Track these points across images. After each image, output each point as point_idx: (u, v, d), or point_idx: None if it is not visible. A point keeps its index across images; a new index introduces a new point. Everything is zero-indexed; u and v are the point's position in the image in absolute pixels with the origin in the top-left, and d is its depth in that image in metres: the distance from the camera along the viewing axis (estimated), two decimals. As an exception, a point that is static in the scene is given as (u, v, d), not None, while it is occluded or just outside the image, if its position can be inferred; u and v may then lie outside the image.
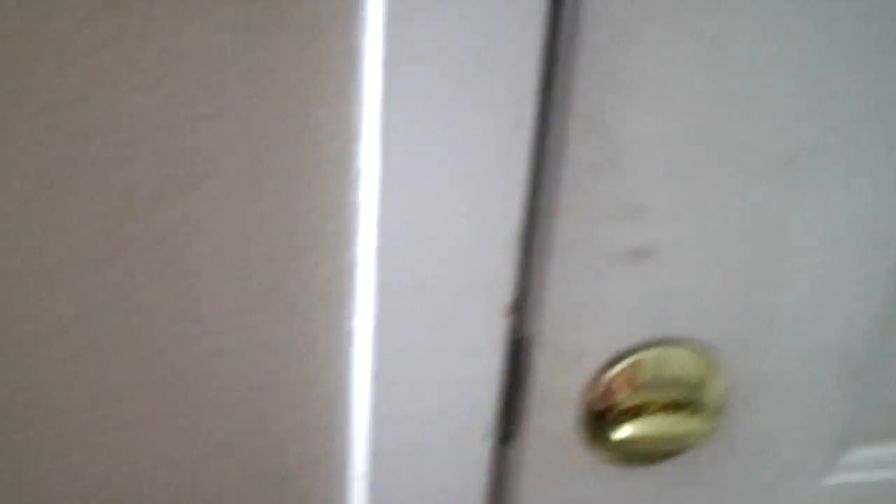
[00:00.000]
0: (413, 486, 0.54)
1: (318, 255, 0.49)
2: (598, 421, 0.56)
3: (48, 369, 0.48)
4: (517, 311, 0.51)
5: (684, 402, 0.56)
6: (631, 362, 0.55)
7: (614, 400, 0.55)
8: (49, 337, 0.48)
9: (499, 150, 0.45)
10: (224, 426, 0.53)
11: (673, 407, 0.56)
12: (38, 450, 0.51)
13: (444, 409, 0.52)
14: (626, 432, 0.55)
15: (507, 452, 0.57)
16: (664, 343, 0.55)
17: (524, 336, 0.53)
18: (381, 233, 0.46)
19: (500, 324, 0.50)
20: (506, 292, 0.49)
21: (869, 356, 0.59)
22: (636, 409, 0.55)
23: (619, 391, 0.55)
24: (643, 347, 0.55)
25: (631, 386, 0.55)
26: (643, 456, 0.57)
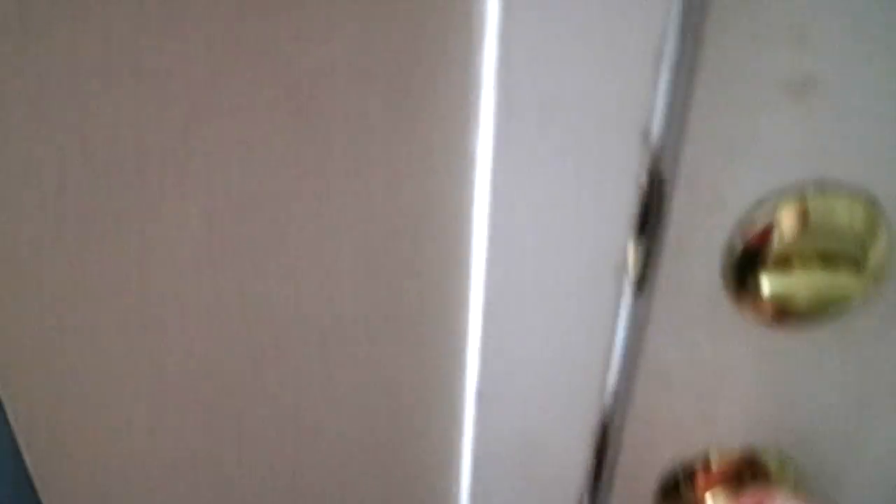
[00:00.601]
0: (538, 328, 0.52)
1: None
2: (744, 271, 0.51)
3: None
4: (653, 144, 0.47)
5: (842, 255, 0.51)
6: (785, 207, 0.49)
7: (763, 249, 0.50)
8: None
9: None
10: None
11: (829, 260, 0.51)
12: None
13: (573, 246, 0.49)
14: (776, 284, 0.50)
15: (640, 303, 0.54)
16: (822, 189, 0.50)
17: (662, 171, 0.49)
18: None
19: (636, 152, 0.46)
20: (642, 117, 0.45)
21: None
22: (788, 261, 0.50)
23: (770, 239, 0.50)
24: (798, 192, 0.50)
25: (784, 234, 0.50)
26: (794, 314, 0.52)
